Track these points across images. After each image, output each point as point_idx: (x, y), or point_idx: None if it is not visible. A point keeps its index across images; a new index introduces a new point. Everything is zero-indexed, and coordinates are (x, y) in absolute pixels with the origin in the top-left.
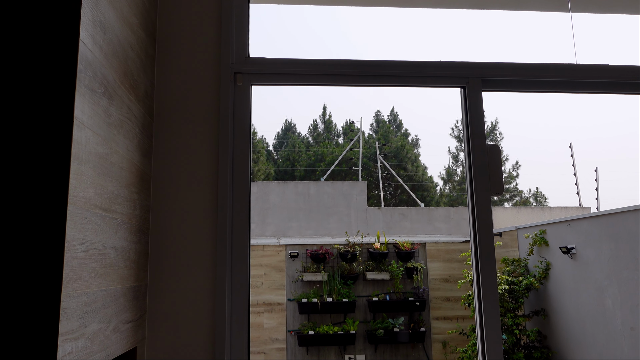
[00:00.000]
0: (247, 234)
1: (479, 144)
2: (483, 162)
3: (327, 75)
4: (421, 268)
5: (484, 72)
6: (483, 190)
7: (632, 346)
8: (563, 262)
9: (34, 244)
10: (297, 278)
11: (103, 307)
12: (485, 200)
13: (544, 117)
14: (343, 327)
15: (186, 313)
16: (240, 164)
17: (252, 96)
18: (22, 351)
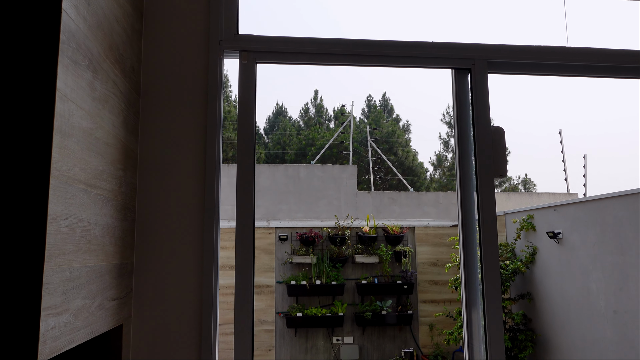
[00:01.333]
0: (252, 217)
1: (484, 126)
2: (487, 145)
3: (331, 55)
4: (410, 252)
5: (489, 54)
6: (487, 173)
7: (615, 329)
8: (549, 246)
9: (15, 217)
10: (286, 261)
11: (87, 283)
12: (489, 182)
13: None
14: (331, 310)
15: (173, 291)
16: (245, 144)
17: (257, 75)
18: (3, 326)
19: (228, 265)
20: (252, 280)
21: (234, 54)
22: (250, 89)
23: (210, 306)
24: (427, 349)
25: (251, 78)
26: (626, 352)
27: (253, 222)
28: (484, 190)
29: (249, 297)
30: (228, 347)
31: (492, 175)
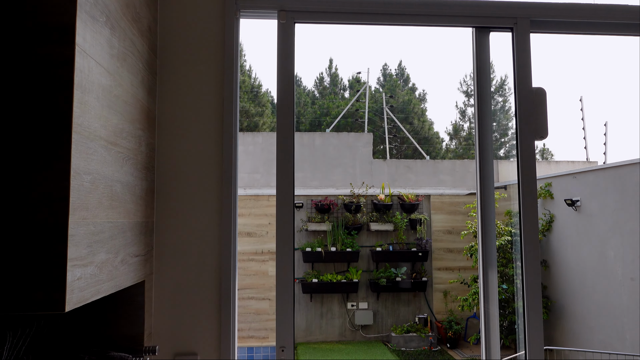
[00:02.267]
0: (292, 182)
1: (525, 87)
2: (529, 106)
3: (375, 14)
4: (425, 220)
5: (532, 12)
6: (528, 134)
7: (631, 296)
8: (567, 214)
9: (40, 172)
10: (301, 228)
11: (110, 238)
12: (530, 144)
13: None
14: (346, 276)
15: (193, 251)
16: (284, 108)
17: (295, 34)
18: (33, 276)
19: (244, 232)
20: (292, 248)
21: (254, 13)
22: (289, 51)
23: (229, 265)
24: (440, 315)
25: (289, 39)
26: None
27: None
28: (524, 152)
29: (290, 260)
30: (245, 311)
31: (534, 137)
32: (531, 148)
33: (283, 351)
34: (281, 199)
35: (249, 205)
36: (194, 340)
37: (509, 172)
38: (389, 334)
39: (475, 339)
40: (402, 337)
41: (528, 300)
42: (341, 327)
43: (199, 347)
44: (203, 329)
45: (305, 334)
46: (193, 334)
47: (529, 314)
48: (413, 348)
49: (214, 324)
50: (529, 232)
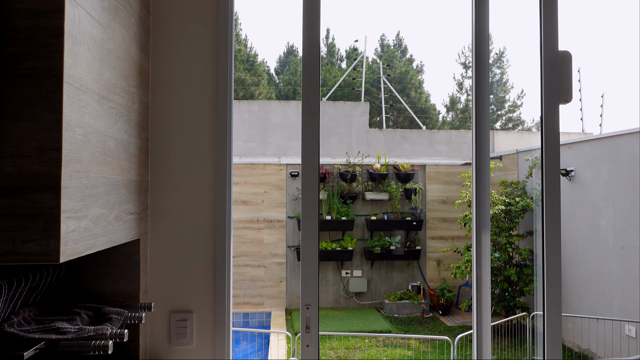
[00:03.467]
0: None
1: (551, 50)
2: (554, 69)
3: None
4: (420, 189)
5: None
6: (552, 98)
7: (621, 264)
8: (561, 184)
9: (31, 122)
10: (297, 196)
11: (104, 193)
12: (554, 108)
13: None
14: (341, 244)
15: (188, 210)
16: (309, 75)
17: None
18: (26, 226)
19: (239, 200)
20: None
21: None
22: (314, 15)
23: (224, 224)
24: (433, 283)
25: (316, 3)
26: (630, 285)
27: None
28: (548, 116)
29: (315, 226)
30: (240, 277)
31: (558, 100)
32: (556, 112)
33: (308, 309)
34: (306, 167)
35: (245, 173)
36: (189, 298)
37: (504, 143)
38: (382, 301)
39: (467, 306)
40: (395, 304)
41: (548, 264)
42: (335, 294)
43: (194, 305)
44: (198, 288)
45: (300, 300)
46: (188, 293)
47: (548, 277)
48: (406, 315)
49: (209, 282)
50: (551, 197)
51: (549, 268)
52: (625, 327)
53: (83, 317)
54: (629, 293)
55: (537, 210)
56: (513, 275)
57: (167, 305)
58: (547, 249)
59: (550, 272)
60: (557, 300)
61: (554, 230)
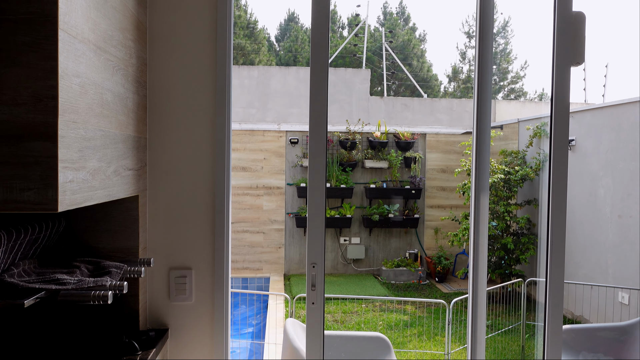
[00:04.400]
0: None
1: (564, 11)
2: (567, 30)
3: None
4: (419, 158)
5: None
6: (564, 61)
7: (617, 233)
8: None
9: (26, 70)
10: (296, 163)
11: (102, 147)
12: (565, 71)
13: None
14: (340, 212)
15: (187, 167)
16: (318, 41)
17: None
18: (24, 175)
19: (239, 166)
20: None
21: None
22: None
23: (223, 180)
24: (431, 251)
25: None
26: (626, 253)
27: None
28: (559, 79)
29: (322, 191)
30: (239, 243)
31: (569, 62)
32: (567, 75)
33: (314, 267)
34: (314, 134)
35: (244, 140)
36: (188, 255)
37: (506, 112)
38: (379, 268)
39: (463, 274)
40: (392, 271)
41: (553, 231)
42: (334, 261)
43: (193, 263)
44: (197, 245)
45: (298, 266)
46: (187, 250)
47: (553, 242)
48: (402, 281)
49: (208, 240)
50: (559, 163)
51: (553, 233)
52: (619, 294)
53: (83, 270)
54: (624, 261)
55: (536, 180)
56: (510, 244)
57: (166, 262)
58: (552, 211)
59: (554, 238)
60: (559, 268)
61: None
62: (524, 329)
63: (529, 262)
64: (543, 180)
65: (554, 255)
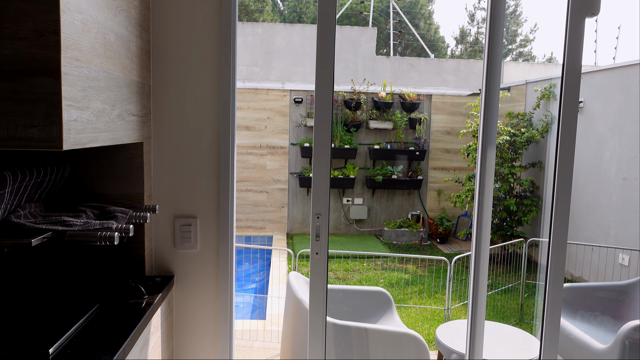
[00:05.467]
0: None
1: None
2: None
3: None
4: (424, 119)
5: None
6: (578, 10)
7: (621, 196)
8: None
9: (28, 2)
10: (300, 123)
11: (106, 88)
12: (579, 21)
13: None
14: (343, 172)
15: (191, 115)
16: None
17: None
18: (28, 111)
19: (242, 125)
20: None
21: None
22: None
23: (228, 129)
24: (433, 212)
25: None
26: (629, 216)
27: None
28: (573, 31)
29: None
30: (243, 202)
31: (585, 12)
32: (581, 27)
33: (318, 218)
34: (320, 93)
35: (248, 98)
36: (193, 204)
37: (514, 73)
38: (381, 229)
39: (465, 235)
40: (394, 232)
41: (559, 189)
42: (336, 221)
43: (198, 211)
44: (202, 194)
45: (301, 225)
46: (192, 199)
47: (558, 205)
48: (404, 242)
49: (213, 189)
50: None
51: (559, 191)
52: (619, 256)
53: (89, 214)
54: (626, 223)
55: (541, 143)
56: (512, 205)
57: (171, 210)
58: (559, 168)
59: (560, 197)
60: (563, 228)
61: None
62: (523, 287)
63: (531, 224)
64: (550, 142)
65: (558, 215)
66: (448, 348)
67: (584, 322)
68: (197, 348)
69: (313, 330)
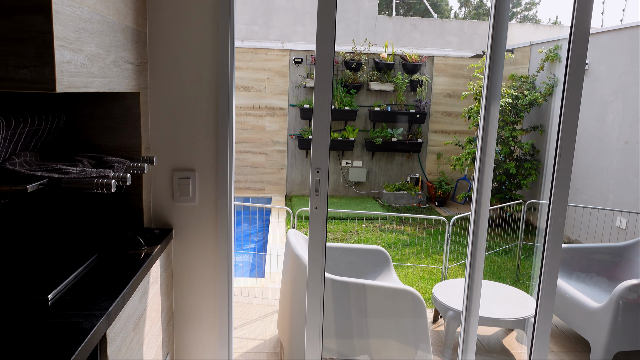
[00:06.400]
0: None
1: None
2: None
3: None
4: (426, 81)
5: None
6: None
7: (622, 159)
8: None
9: None
10: (300, 84)
11: (100, 32)
12: None
13: None
14: (343, 134)
15: (188, 65)
16: None
17: None
18: (19, 50)
19: (241, 86)
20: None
21: None
22: None
23: (226, 79)
24: (432, 175)
25: None
26: (629, 180)
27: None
28: None
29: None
30: (241, 163)
31: None
32: None
33: (318, 172)
34: (321, 51)
35: (246, 58)
36: (191, 157)
37: (518, 35)
38: (380, 191)
39: (463, 198)
40: (392, 195)
41: (561, 156)
42: (335, 183)
43: (196, 164)
44: (201, 147)
45: (300, 187)
46: (191, 152)
47: (560, 167)
48: (402, 205)
49: (211, 142)
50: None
51: (562, 154)
52: (617, 219)
53: (85, 163)
54: (625, 187)
55: (543, 106)
56: (512, 169)
57: (169, 163)
58: (563, 125)
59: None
60: (564, 191)
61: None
62: (520, 249)
63: (530, 187)
64: (554, 105)
65: (559, 178)
66: (445, 305)
67: (580, 282)
68: (196, 300)
69: (312, 284)
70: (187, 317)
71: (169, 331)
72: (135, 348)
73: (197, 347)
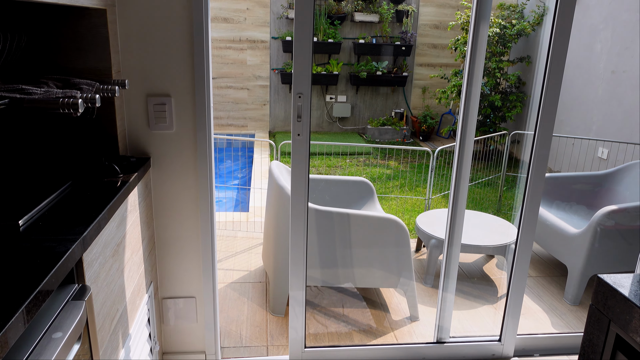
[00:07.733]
0: None
1: None
2: None
3: None
4: (412, 12)
5: None
6: None
7: (607, 89)
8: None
9: None
10: (282, 15)
11: None
12: None
13: None
14: (326, 68)
15: None
16: None
17: None
18: None
19: (220, 17)
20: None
21: None
22: None
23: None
24: (417, 110)
25: None
26: (613, 109)
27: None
28: None
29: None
30: (223, 99)
31: None
32: None
33: (300, 97)
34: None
35: None
36: (167, 82)
37: None
38: (364, 127)
39: (447, 132)
40: (377, 130)
41: (548, 87)
42: (319, 119)
43: (172, 90)
44: (176, 71)
45: (283, 123)
46: (166, 76)
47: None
48: (387, 140)
49: (187, 66)
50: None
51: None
52: (599, 149)
53: (51, 85)
54: (609, 117)
55: (531, 37)
56: (497, 101)
57: (143, 88)
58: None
59: (549, 91)
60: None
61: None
62: (503, 180)
63: (514, 119)
64: (543, 34)
65: (546, 109)
66: (427, 234)
67: (560, 210)
68: (178, 230)
69: (295, 212)
70: (169, 247)
71: (151, 260)
72: (116, 275)
73: (180, 277)
